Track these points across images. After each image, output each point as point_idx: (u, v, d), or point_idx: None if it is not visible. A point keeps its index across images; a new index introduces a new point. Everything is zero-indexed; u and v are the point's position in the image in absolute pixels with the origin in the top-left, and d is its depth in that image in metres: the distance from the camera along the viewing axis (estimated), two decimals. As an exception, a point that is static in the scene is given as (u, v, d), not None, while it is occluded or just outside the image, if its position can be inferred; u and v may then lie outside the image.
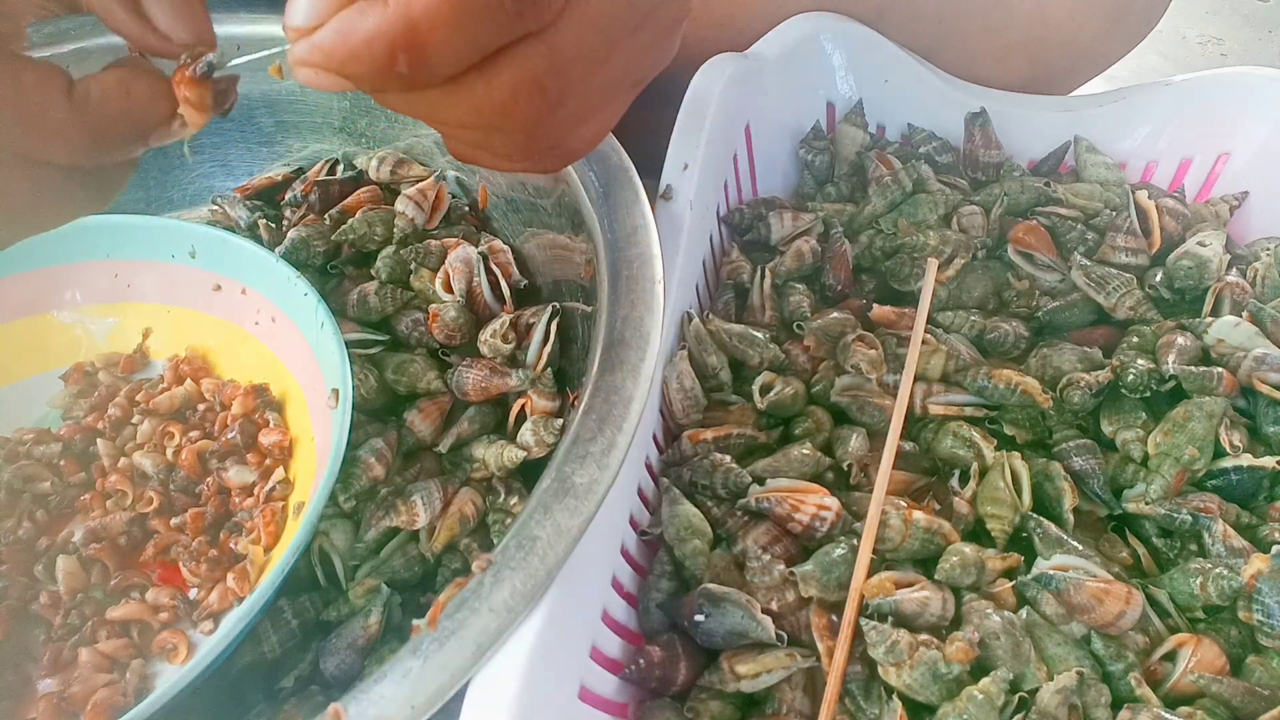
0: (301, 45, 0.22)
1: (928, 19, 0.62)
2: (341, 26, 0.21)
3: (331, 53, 0.21)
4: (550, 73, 0.23)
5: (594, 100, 0.26)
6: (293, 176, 0.58)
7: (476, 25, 0.21)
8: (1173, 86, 0.60)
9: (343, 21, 0.21)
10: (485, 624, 0.29)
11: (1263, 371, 0.45)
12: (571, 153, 0.27)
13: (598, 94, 0.26)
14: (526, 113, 0.24)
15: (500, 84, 0.23)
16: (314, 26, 0.21)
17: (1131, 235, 0.53)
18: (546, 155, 0.27)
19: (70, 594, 0.40)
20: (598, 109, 0.26)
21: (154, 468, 0.44)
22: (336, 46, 0.21)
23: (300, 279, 0.43)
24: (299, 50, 0.22)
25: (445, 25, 0.21)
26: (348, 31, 0.21)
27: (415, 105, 0.24)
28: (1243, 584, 0.38)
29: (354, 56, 0.21)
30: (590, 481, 0.32)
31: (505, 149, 0.26)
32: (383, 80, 0.21)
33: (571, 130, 0.26)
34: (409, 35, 0.21)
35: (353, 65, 0.21)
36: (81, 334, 0.49)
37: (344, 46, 0.21)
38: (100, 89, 0.23)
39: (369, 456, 0.40)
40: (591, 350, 0.37)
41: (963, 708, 0.34)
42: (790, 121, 0.62)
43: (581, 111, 0.26)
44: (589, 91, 0.25)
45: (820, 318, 0.50)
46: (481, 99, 0.23)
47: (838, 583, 0.39)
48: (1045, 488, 0.43)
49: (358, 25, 0.21)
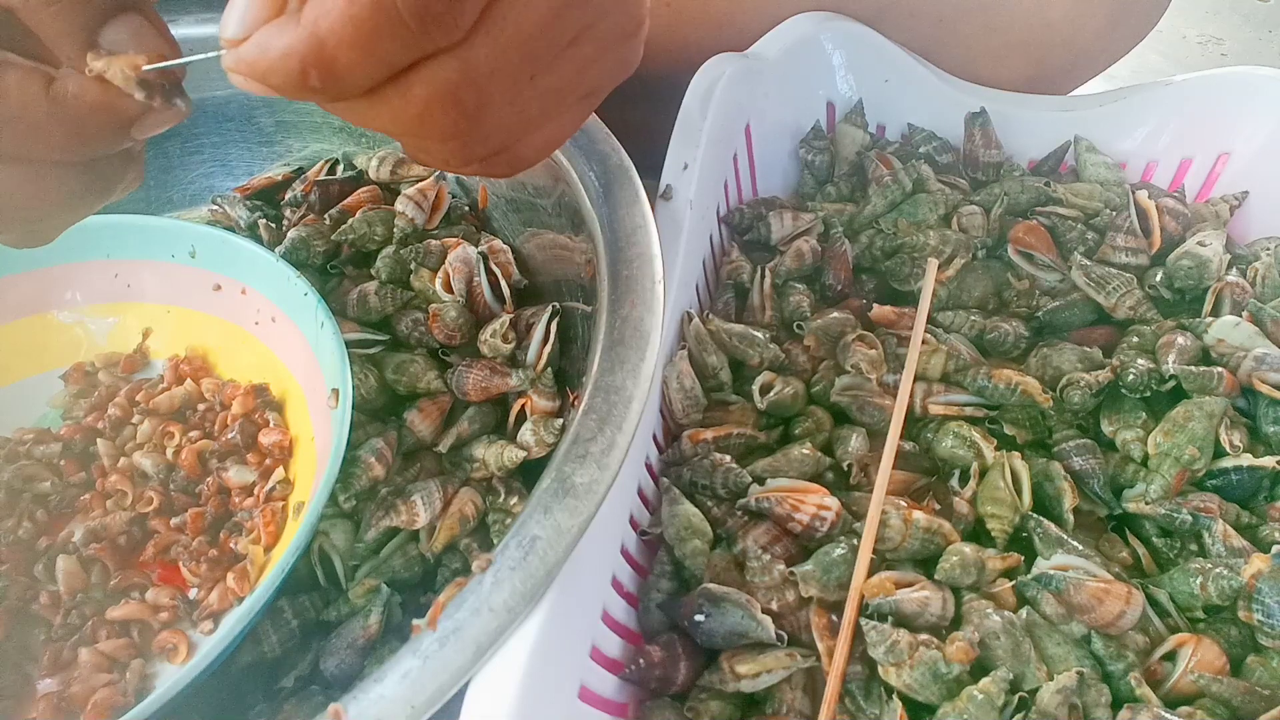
0: (229, 56, 0.23)
1: (928, 19, 0.62)
2: (260, 42, 0.22)
3: (253, 65, 0.23)
4: (465, 86, 0.24)
5: (533, 111, 0.26)
6: (293, 176, 0.58)
7: (382, 44, 0.22)
8: (1173, 86, 0.60)
9: (262, 37, 0.22)
10: (485, 624, 0.29)
11: (1263, 371, 0.45)
12: (521, 160, 0.28)
13: (536, 105, 0.26)
14: (444, 124, 0.25)
15: (414, 98, 0.24)
16: (240, 40, 0.23)
17: (1131, 235, 0.53)
18: (492, 162, 0.28)
19: (70, 594, 0.40)
20: (543, 119, 0.27)
21: (154, 468, 0.44)
22: (257, 60, 0.22)
23: (300, 279, 0.43)
24: (227, 59, 0.23)
25: (351, 44, 0.22)
26: (265, 47, 0.22)
27: (344, 113, 0.25)
28: (1243, 584, 0.38)
29: (271, 70, 0.22)
30: (590, 481, 0.32)
31: (442, 155, 0.27)
32: (300, 93, 0.23)
33: (518, 139, 0.27)
34: (318, 53, 0.22)
35: (271, 78, 0.23)
36: (81, 334, 0.49)
37: (263, 61, 0.22)
38: (76, 83, 0.24)
39: (369, 456, 0.40)
40: (591, 350, 0.37)
41: (963, 708, 0.34)
42: (790, 121, 0.62)
43: (521, 122, 0.26)
44: (524, 103, 0.26)
45: (820, 318, 0.50)
46: (399, 111, 0.24)
47: (838, 583, 0.39)
48: (1045, 488, 0.43)
49: (274, 42, 0.22)
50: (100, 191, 0.27)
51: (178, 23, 0.56)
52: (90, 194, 0.27)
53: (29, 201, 0.26)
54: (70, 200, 0.27)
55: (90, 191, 0.27)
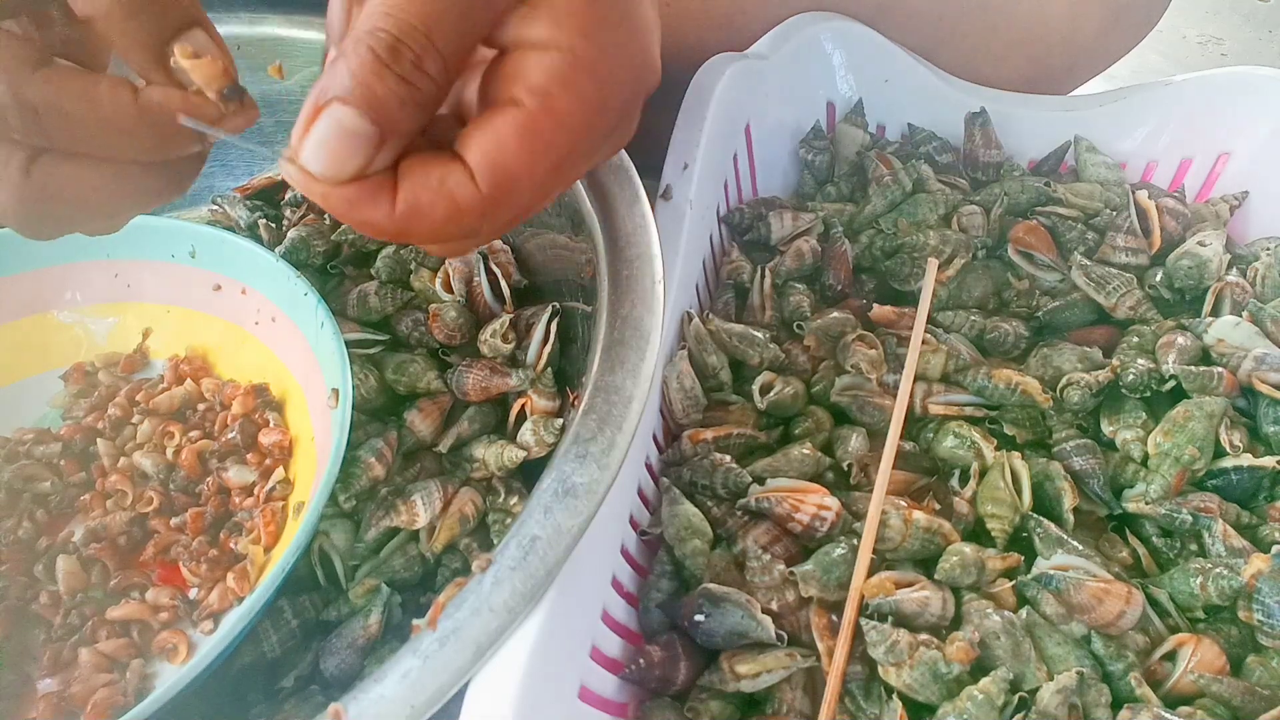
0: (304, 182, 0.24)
1: (928, 19, 0.62)
2: (352, 200, 0.24)
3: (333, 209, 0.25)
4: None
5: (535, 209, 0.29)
6: (293, 176, 0.57)
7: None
8: (1173, 86, 0.60)
9: (354, 195, 0.24)
10: (485, 624, 0.29)
11: (1263, 371, 0.45)
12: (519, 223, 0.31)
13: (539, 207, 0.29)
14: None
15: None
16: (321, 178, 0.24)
17: (1131, 235, 0.53)
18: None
19: (70, 594, 0.40)
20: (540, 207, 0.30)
21: (154, 468, 0.44)
22: (340, 210, 0.25)
23: (300, 279, 0.43)
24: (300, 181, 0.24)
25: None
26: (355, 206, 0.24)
27: None
28: (1243, 584, 0.38)
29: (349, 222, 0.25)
30: (590, 481, 0.32)
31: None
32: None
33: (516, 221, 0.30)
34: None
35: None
36: (81, 334, 0.49)
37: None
38: (161, 91, 0.26)
39: (369, 456, 0.40)
40: (591, 350, 0.37)
41: (963, 708, 0.34)
42: (790, 121, 0.62)
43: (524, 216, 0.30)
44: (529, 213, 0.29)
45: (820, 318, 0.50)
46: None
47: (838, 582, 0.39)
48: (1045, 488, 0.43)
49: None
50: (175, 187, 0.30)
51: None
52: (167, 189, 0.29)
53: (113, 196, 0.28)
54: (148, 196, 0.29)
55: (167, 187, 0.29)
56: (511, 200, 0.25)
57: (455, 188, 0.25)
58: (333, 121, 0.24)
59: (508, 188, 0.25)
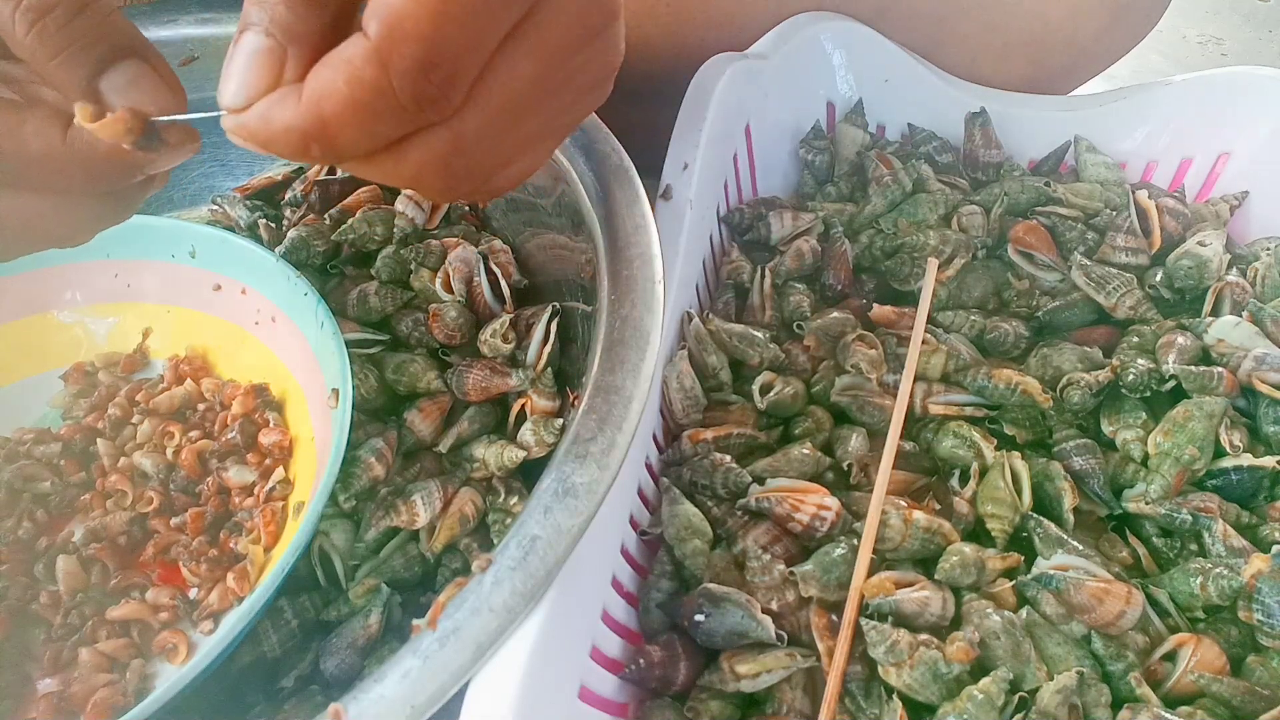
0: (231, 120, 0.24)
1: (928, 19, 0.62)
2: (263, 113, 0.24)
3: (255, 134, 0.24)
4: (455, 154, 0.26)
5: (510, 154, 0.28)
6: (293, 176, 0.57)
7: (380, 121, 0.24)
8: (1173, 86, 0.60)
9: (264, 108, 0.24)
10: (485, 624, 0.29)
11: (1263, 371, 0.45)
12: (497, 190, 0.30)
13: (514, 149, 0.28)
14: (435, 184, 0.27)
15: (408, 163, 0.26)
16: (240, 107, 0.24)
17: (1131, 235, 0.53)
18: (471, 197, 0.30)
19: (70, 594, 0.40)
20: (518, 158, 0.29)
21: (154, 468, 0.44)
22: (259, 130, 0.24)
23: (300, 279, 0.43)
24: (228, 123, 0.24)
25: (352, 124, 0.23)
26: (268, 119, 0.23)
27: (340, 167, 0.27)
28: (1243, 584, 0.38)
29: (274, 140, 0.24)
30: (590, 481, 0.32)
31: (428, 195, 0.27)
32: (300, 158, 0.24)
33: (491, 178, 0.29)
34: (320, 130, 0.23)
35: (273, 146, 0.24)
36: (81, 334, 0.49)
37: (266, 132, 0.24)
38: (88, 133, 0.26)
39: (369, 456, 0.40)
40: (591, 350, 0.37)
41: (963, 708, 0.34)
42: (790, 121, 0.62)
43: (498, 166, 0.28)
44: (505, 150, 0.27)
45: (820, 318, 0.50)
46: (392, 173, 0.26)
47: (838, 582, 0.39)
48: (1045, 488, 0.43)
49: (277, 116, 0.23)
50: (124, 209, 0.29)
51: (178, 23, 0.56)
52: (115, 213, 0.29)
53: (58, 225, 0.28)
54: (96, 221, 0.29)
55: (114, 211, 0.29)
56: (411, 36, 0.23)
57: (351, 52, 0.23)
58: (238, 51, 0.23)
59: (395, 24, 0.22)
